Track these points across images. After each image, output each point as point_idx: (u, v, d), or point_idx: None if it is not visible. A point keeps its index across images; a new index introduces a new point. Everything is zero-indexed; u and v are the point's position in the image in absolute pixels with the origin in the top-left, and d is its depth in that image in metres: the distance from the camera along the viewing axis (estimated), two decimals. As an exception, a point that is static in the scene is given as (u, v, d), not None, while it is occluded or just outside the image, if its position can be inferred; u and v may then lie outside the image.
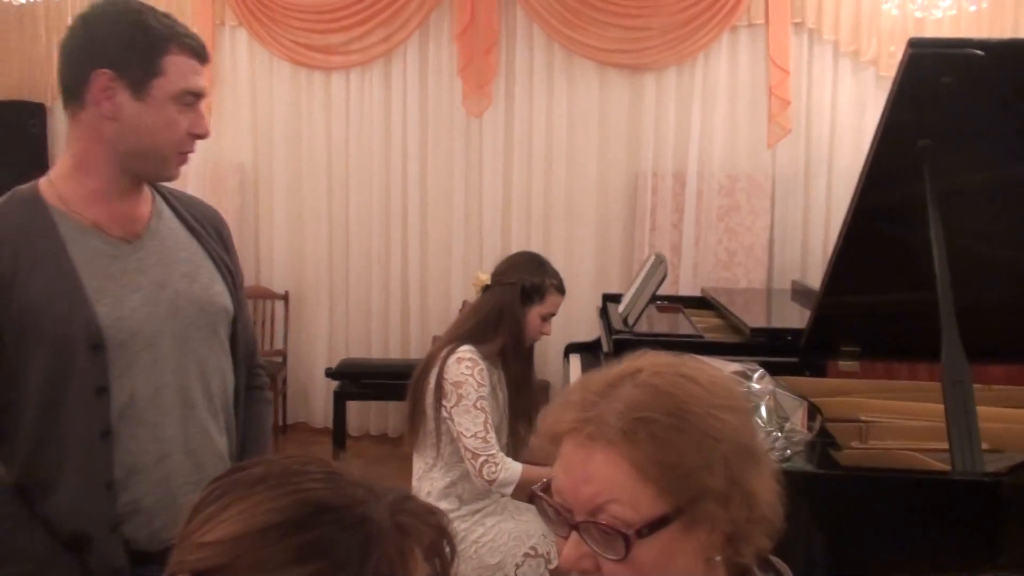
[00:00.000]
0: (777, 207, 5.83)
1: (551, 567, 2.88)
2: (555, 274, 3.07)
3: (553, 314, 3.06)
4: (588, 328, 5.44)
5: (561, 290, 3.07)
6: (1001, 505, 2.20)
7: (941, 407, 2.42)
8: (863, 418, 2.85)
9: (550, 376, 5.88)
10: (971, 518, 2.22)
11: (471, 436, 2.80)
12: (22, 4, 6.01)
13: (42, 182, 1.79)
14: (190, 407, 1.86)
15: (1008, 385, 3.07)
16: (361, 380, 5.63)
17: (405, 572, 0.94)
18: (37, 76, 6.41)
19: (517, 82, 5.95)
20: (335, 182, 6.19)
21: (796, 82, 5.68)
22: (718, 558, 1.11)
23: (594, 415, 1.10)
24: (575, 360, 4.89)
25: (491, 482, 2.80)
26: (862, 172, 2.78)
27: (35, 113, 6.27)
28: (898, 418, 2.84)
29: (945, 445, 2.33)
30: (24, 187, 1.79)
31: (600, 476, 1.08)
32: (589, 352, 4.87)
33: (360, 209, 6.18)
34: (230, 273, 1.97)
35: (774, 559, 1.22)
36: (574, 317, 5.85)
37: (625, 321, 3.92)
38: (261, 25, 6.07)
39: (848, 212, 2.92)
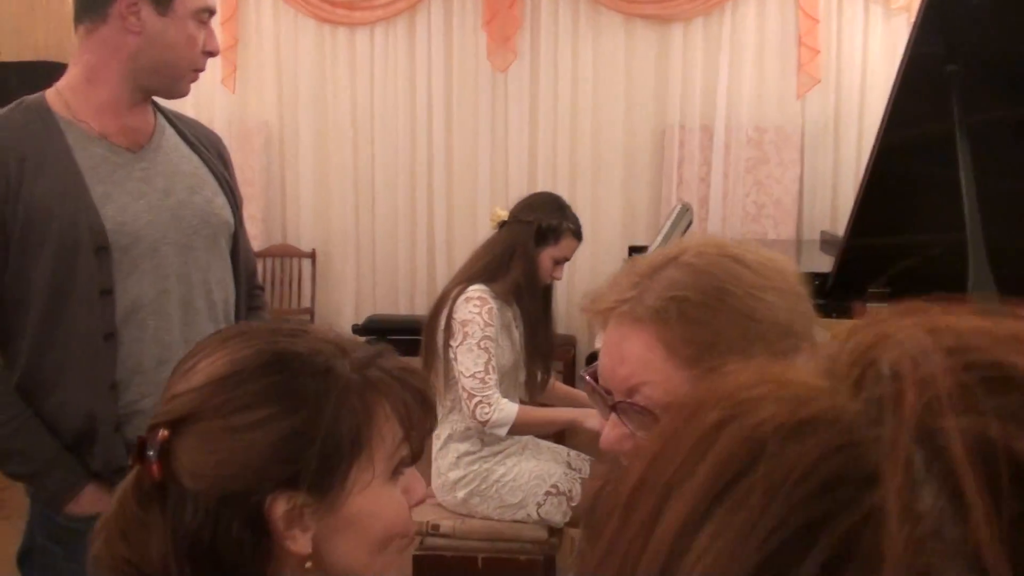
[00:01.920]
0: (807, 158, 5.75)
1: (573, 504, 2.87)
2: (574, 218, 3.02)
3: (567, 258, 3.01)
4: (614, 282, 5.39)
5: (578, 235, 3.02)
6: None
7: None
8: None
9: (576, 331, 5.85)
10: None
11: (469, 376, 2.78)
12: (47, -36, 6.03)
13: (49, 92, 1.83)
14: (192, 313, 1.90)
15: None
16: (388, 336, 5.63)
17: (369, 424, 0.97)
18: (63, 36, 6.41)
19: (542, 35, 5.89)
20: (360, 139, 6.17)
21: (826, 31, 5.58)
22: None
23: (633, 295, 1.07)
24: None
25: (484, 423, 2.78)
26: (887, 106, 2.72)
27: (61, 73, 6.28)
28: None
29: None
30: (31, 96, 1.83)
31: (634, 357, 1.06)
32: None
33: (386, 165, 6.16)
34: (231, 190, 2.02)
35: None
36: (601, 271, 5.81)
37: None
38: (285, -19, 6.04)
39: (873, 150, 2.86)
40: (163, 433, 0.94)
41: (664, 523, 0.34)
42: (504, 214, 3.03)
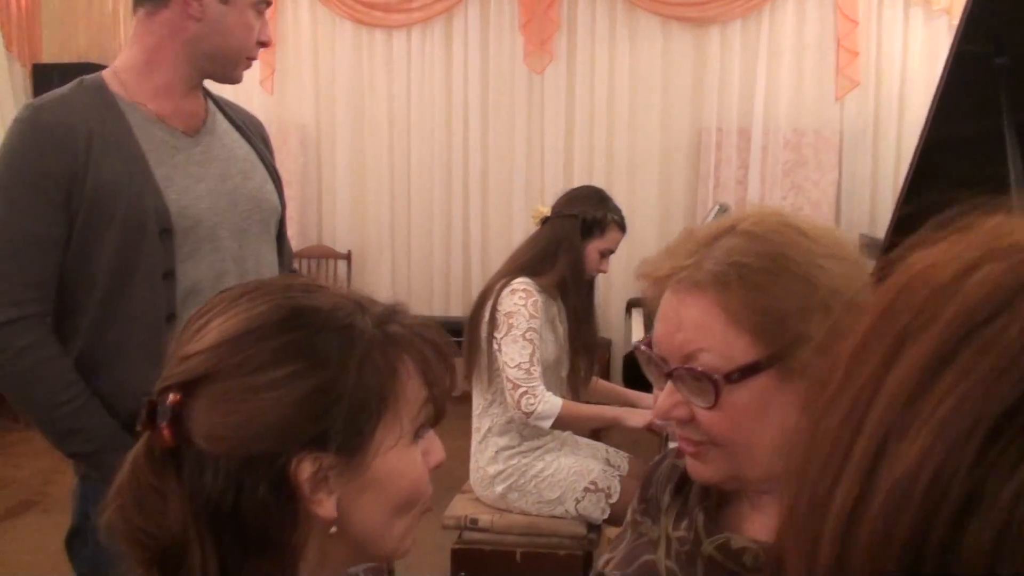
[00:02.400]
0: (845, 161, 5.71)
1: (611, 501, 2.86)
2: (617, 210, 3.01)
3: (612, 251, 3.00)
4: (650, 284, 5.38)
5: (622, 226, 3.01)
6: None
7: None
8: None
9: (612, 333, 5.84)
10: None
11: (514, 367, 2.77)
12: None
13: (106, 73, 1.84)
14: None
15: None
16: (423, 337, 5.63)
17: (394, 381, 0.93)
18: (105, 40, 6.50)
19: (579, 38, 5.89)
20: (396, 141, 6.20)
21: (865, 33, 5.55)
22: None
23: (691, 263, 1.06)
24: (637, 315, 4.86)
25: (528, 414, 2.76)
26: (933, 102, 2.68)
27: (103, 75, 6.35)
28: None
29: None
30: (89, 76, 1.83)
31: (692, 323, 1.04)
32: (651, 307, 4.82)
33: (421, 168, 6.18)
34: (277, 175, 2.04)
35: None
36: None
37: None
38: (323, -16, 6.08)
39: (917, 147, 2.82)
40: (174, 397, 0.89)
41: (900, 368, 0.34)
42: (546, 210, 3.02)
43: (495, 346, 2.82)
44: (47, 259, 1.73)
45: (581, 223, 2.93)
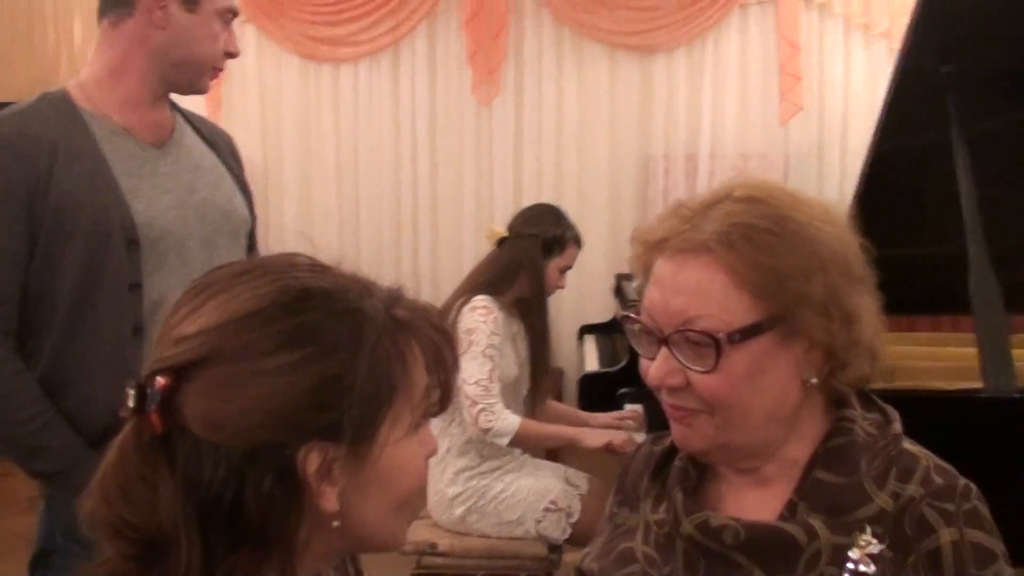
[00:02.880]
0: (791, 184, 5.67)
1: (572, 521, 2.82)
2: (572, 226, 3.05)
3: (570, 267, 3.02)
4: (601, 311, 5.41)
5: (579, 242, 3.05)
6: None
7: (969, 351, 2.36)
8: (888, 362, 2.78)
9: (563, 361, 5.80)
10: (1004, 439, 2.15)
11: (473, 383, 2.75)
12: (30, 4, 6.03)
13: (71, 85, 1.83)
14: None
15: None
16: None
17: (403, 366, 0.90)
18: (47, 77, 6.39)
19: (526, 68, 5.91)
20: (345, 176, 6.15)
21: (807, 58, 5.63)
22: (814, 380, 1.05)
23: (688, 227, 1.06)
24: (590, 341, 4.84)
25: (486, 431, 2.74)
26: (881, 114, 2.71)
27: (44, 113, 6.25)
28: (925, 362, 2.78)
29: (975, 384, 2.26)
30: (52, 90, 1.82)
31: (692, 287, 1.03)
32: (604, 334, 4.82)
33: (371, 202, 6.14)
34: (246, 189, 2.02)
35: (880, 401, 1.16)
36: (587, 300, 5.80)
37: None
38: (269, 19, 6.04)
39: (865, 161, 2.86)
40: (163, 381, 0.83)
41: None
42: (502, 231, 3.02)
43: None
44: (9, 273, 1.69)
45: (542, 242, 2.93)
